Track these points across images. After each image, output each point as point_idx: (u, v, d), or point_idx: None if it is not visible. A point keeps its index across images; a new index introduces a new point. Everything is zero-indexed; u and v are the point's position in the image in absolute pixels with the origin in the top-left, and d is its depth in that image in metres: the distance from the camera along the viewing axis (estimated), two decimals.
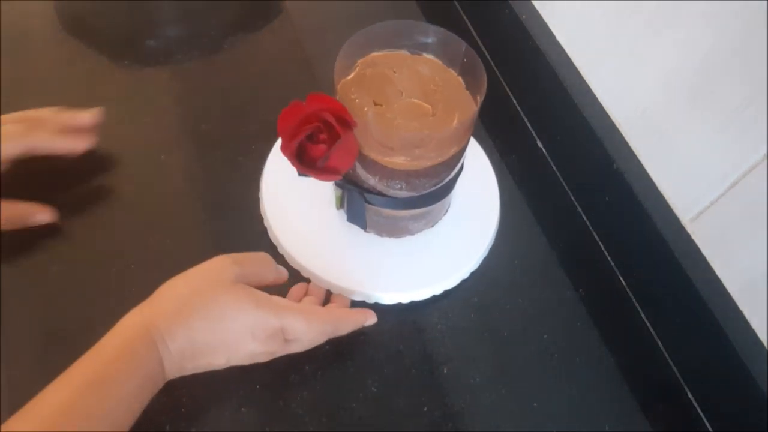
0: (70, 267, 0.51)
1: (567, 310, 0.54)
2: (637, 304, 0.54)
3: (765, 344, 0.45)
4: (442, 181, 0.48)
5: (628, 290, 0.55)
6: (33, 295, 0.50)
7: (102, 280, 0.51)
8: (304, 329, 0.43)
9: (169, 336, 0.40)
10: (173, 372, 0.41)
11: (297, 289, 0.50)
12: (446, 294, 0.53)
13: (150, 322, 0.40)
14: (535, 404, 0.49)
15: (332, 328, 0.45)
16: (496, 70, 0.67)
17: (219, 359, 0.42)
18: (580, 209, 0.59)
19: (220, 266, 0.43)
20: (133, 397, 0.39)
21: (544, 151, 0.63)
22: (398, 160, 0.44)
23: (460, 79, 0.48)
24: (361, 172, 0.47)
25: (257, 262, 0.46)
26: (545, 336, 0.52)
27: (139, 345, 0.39)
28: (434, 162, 0.45)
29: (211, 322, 0.40)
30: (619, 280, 0.56)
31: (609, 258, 0.57)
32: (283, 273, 0.48)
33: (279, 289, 0.47)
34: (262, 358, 0.44)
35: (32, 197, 0.54)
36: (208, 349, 0.41)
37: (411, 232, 0.54)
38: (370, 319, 0.49)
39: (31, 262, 0.51)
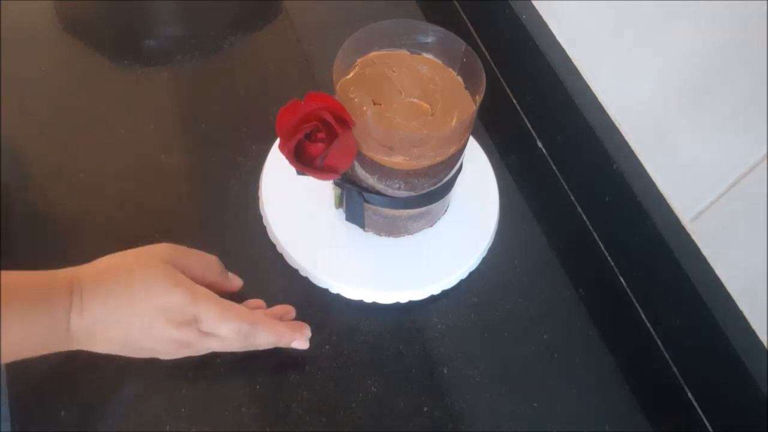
0: (70, 267, 0.51)
1: (567, 310, 0.54)
2: (637, 304, 0.54)
3: (765, 344, 0.45)
4: (441, 181, 0.48)
5: (628, 290, 0.55)
6: None
7: None
8: (216, 319, 0.42)
9: (87, 291, 0.39)
10: (82, 333, 0.39)
11: (252, 302, 0.49)
12: (445, 294, 0.53)
13: (74, 274, 0.40)
14: (535, 404, 0.49)
15: (248, 327, 0.43)
16: (496, 70, 0.67)
17: (132, 335, 0.40)
18: (580, 209, 0.59)
19: (155, 247, 0.43)
20: (24, 326, 0.37)
21: (544, 151, 0.63)
22: (397, 160, 0.44)
23: (459, 78, 0.48)
24: (360, 172, 0.47)
25: (199, 257, 0.45)
26: (545, 336, 0.52)
27: (54, 284, 0.39)
28: (433, 161, 0.45)
29: (127, 292, 0.40)
30: (619, 280, 0.56)
31: (609, 258, 0.57)
32: (234, 280, 0.48)
33: None
34: (178, 349, 0.42)
35: (33, 199, 0.55)
36: (121, 322, 0.40)
37: (410, 232, 0.54)
38: (300, 340, 0.46)
39: (30, 262, 0.51)
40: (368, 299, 0.51)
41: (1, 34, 0.63)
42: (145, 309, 0.40)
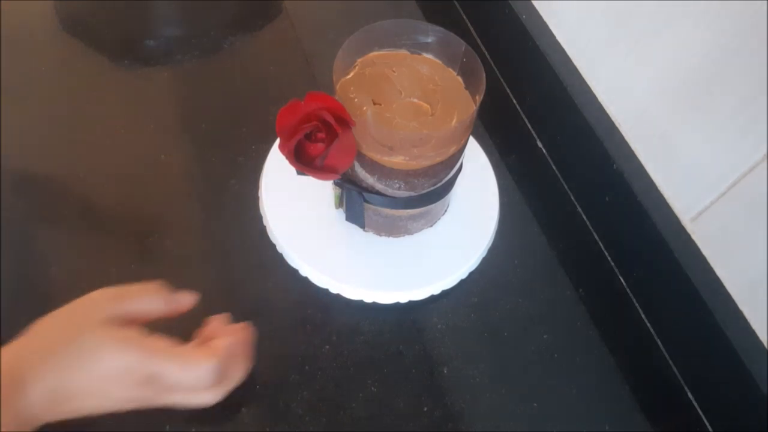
0: (70, 267, 0.51)
1: (567, 310, 0.54)
2: (637, 304, 0.54)
3: (765, 344, 0.45)
4: (441, 181, 0.48)
5: (628, 290, 0.55)
6: (33, 295, 0.50)
7: (101, 280, 0.50)
8: (179, 374, 0.38)
9: (32, 377, 0.36)
10: (41, 414, 0.36)
11: (215, 320, 0.44)
12: (445, 294, 0.53)
13: (15, 361, 0.36)
14: (535, 404, 0.49)
15: (220, 365, 0.39)
16: (496, 70, 0.67)
17: (89, 403, 0.38)
18: (580, 209, 0.59)
19: (91, 304, 0.40)
20: None
21: (544, 151, 0.63)
22: (397, 160, 0.44)
23: (459, 78, 0.48)
24: (360, 172, 0.47)
25: (139, 295, 0.41)
26: (545, 336, 0.52)
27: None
28: (433, 161, 0.45)
29: (73, 365, 0.37)
30: (619, 280, 0.56)
31: (609, 258, 0.57)
32: (183, 301, 0.43)
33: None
34: (143, 404, 0.39)
35: (33, 199, 0.55)
36: (77, 393, 0.37)
37: (410, 232, 0.54)
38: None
39: (31, 262, 0.51)
40: (368, 299, 0.51)
41: (1, 34, 0.63)
42: (96, 378, 0.37)
